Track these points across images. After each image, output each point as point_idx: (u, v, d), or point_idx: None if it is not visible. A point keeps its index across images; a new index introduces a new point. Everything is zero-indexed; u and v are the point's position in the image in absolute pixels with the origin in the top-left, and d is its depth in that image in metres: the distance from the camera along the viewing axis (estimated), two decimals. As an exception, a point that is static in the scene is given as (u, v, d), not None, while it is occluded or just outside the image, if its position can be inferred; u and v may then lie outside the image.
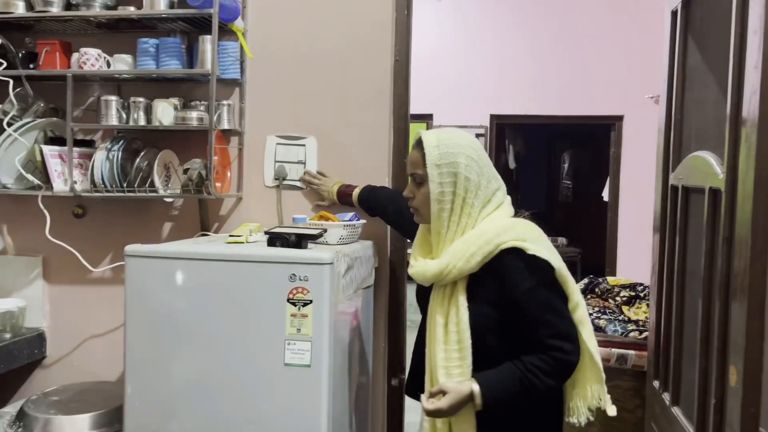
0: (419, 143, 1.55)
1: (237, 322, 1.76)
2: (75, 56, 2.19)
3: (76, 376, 2.37)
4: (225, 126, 2.24)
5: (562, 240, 7.59)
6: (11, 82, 2.15)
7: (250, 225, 2.12)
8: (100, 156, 2.15)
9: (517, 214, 1.58)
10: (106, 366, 2.38)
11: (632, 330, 2.95)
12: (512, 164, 7.27)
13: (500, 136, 6.73)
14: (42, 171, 2.16)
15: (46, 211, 2.21)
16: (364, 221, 2.14)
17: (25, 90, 2.20)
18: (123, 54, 2.20)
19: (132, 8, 2.16)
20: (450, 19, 6.33)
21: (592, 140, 7.67)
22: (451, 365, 1.49)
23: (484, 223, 1.51)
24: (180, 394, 1.79)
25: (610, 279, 3.66)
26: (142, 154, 2.19)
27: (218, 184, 2.19)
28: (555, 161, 8.66)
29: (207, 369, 1.78)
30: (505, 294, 1.46)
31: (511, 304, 1.46)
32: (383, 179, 2.27)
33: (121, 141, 2.18)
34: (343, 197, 2.18)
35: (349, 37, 2.26)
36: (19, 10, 2.17)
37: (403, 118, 2.32)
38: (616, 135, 6.03)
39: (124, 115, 2.19)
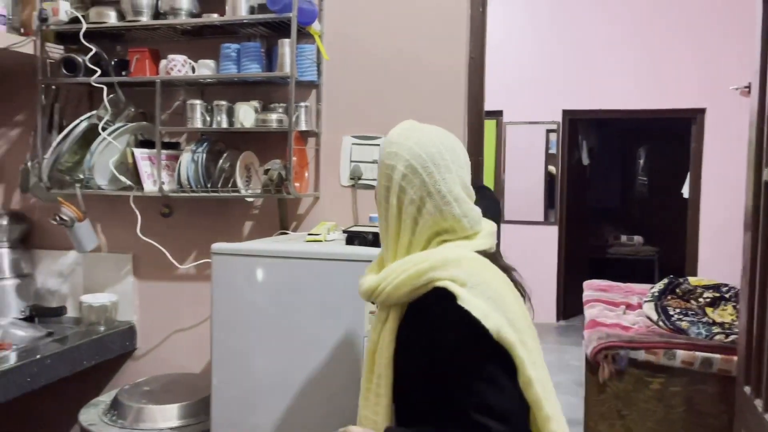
0: None
1: (317, 318, 1.80)
2: (163, 63, 2.29)
3: (163, 368, 2.49)
4: (302, 127, 2.29)
5: (638, 239, 7.35)
6: (105, 88, 2.27)
7: (327, 224, 2.16)
8: (186, 158, 2.24)
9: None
10: (191, 358, 2.49)
11: (718, 333, 2.83)
12: (586, 160, 7.07)
13: (573, 132, 6.56)
14: (133, 173, 2.28)
15: (137, 211, 2.33)
16: (439, 220, 2.14)
17: (117, 96, 2.32)
18: (206, 59, 2.29)
19: (215, 15, 2.24)
20: (520, 12, 6.23)
21: (670, 134, 7.36)
22: (370, 396, 1.27)
23: (437, 249, 1.23)
24: (263, 387, 1.85)
25: (691, 279, 3.52)
26: (224, 155, 2.27)
27: (297, 184, 2.25)
28: (630, 157, 8.38)
29: (288, 363, 1.83)
30: (430, 344, 1.18)
31: (436, 358, 1.17)
32: (458, 178, 2.26)
33: (205, 143, 2.27)
34: None
35: (423, 36, 2.27)
36: (111, 20, 2.29)
37: (477, 115, 2.31)
38: (697, 129, 5.77)
39: (208, 118, 2.28)
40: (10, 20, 2.30)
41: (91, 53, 2.27)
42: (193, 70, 2.29)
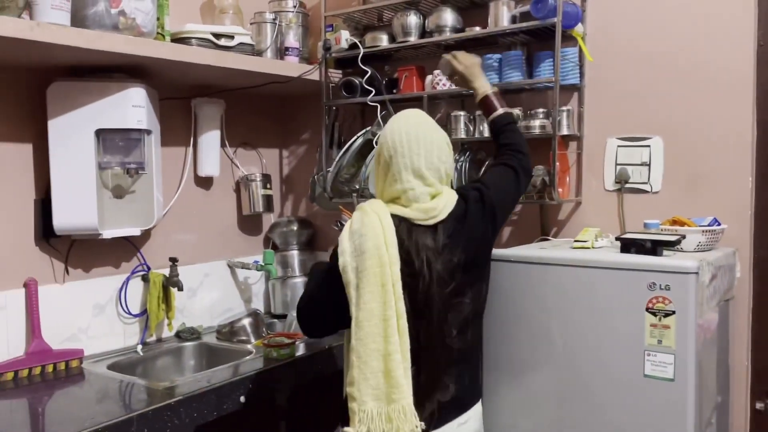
0: None
1: (589, 327, 1.76)
2: (428, 78, 2.43)
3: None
4: (564, 132, 2.25)
5: None
6: (378, 106, 2.49)
7: (591, 229, 2.09)
8: (450, 167, 2.35)
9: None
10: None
11: None
12: None
13: None
14: (402, 182, 2.45)
15: (403, 217, 2.50)
16: (725, 226, 1.95)
17: (388, 112, 2.52)
18: (468, 71, 2.38)
19: (477, 28, 2.32)
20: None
21: None
22: None
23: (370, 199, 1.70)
24: (534, 393, 1.86)
25: None
26: (486, 163, 2.34)
27: (559, 190, 2.22)
28: None
29: (561, 371, 1.81)
30: None
31: None
32: (745, 180, 2.04)
33: (468, 152, 2.36)
34: (484, 107, 1.96)
35: (700, 26, 2.09)
36: (384, 43, 2.50)
37: (768, 109, 2.05)
38: None
39: (471, 128, 2.36)
40: (301, 52, 2.64)
41: (367, 75, 2.50)
42: (457, 82, 2.39)
